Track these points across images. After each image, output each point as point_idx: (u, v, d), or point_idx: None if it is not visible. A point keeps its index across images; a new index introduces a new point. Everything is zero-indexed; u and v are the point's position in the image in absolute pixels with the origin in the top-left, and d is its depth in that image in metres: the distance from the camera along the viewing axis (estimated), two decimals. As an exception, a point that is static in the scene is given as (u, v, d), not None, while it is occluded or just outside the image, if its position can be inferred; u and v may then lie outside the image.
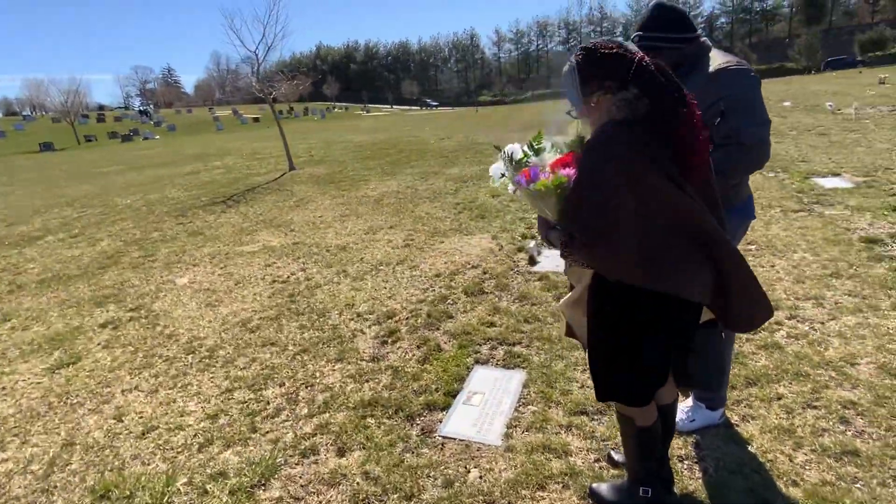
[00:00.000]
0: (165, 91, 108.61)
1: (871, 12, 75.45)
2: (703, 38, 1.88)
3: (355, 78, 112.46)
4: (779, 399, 2.25)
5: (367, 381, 2.78)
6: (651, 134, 1.35)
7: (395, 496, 1.95)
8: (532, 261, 4.34)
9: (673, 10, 1.87)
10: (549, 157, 1.43)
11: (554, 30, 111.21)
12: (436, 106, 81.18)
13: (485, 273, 4.20)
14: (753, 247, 4.17)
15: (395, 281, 4.26)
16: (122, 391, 2.93)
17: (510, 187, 1.52)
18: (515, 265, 4.32)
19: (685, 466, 1.95)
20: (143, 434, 2.51)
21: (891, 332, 2.70)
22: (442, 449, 2.20)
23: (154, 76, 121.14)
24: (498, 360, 2.87)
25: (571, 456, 2.06)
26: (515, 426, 2.29)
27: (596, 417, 2.28)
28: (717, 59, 1.82)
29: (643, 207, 1.31)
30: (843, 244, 4.00)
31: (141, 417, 2.66)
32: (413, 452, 2.20)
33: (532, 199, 1.44)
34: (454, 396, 2.57)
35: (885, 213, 4.66)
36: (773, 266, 3.75)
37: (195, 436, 2.46)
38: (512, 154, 1.50)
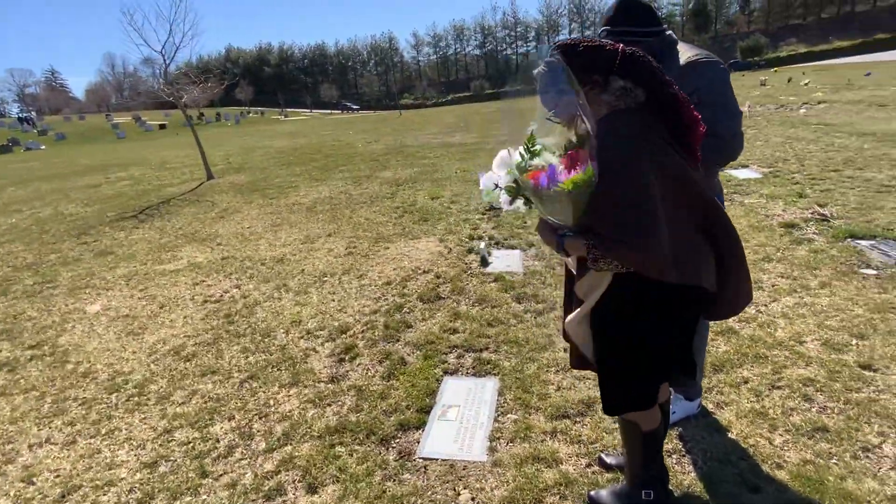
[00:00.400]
0: (50, 96, 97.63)
1: (746, 22, 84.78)
2: (669, 32, 1.88)
3: (269, 81, 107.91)
4: (745, 383, 2.33)
5: (330, 405, 2.55)
6: (656, 120, 1.30)
7: (382, 532, 1.77)
8: (484, 262, 4.27)
9: (639, 4, 1.85)
10: (551, 158, 1.32)
11: (470, 34, 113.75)
12: (357, 109, 79.89)
13: (438, 277, 4.07)
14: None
15: (343, 292, 4.00)
16: (30, 446, 2.47)
17: (503, 198, 1.40)
18: (468, 267, 4.23)
19: (674, 461, 1.94)
20: (63, 497, 2.11)
21: (825, 309, 2.92)
22: (425, 472, 2.04)
23: (35, 79, 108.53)
24: (468, 369, 2.75)
25: (562, 464, 1.98)
26: (498, 438, 2.18)
27: (578, 420, 2.23)
28: (686, 52, 1.82)
29: (669, 194, 1.26)
30: (767, 230, 4.32)
31: (58, 476, 2.24)
32: (394, 480, 2.01)
33: (548, 204, 1.32)
34: (428, 413, 2.41)
35: (794, 199, 5.12)
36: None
37: (130, 491, 2.10)
38: (511, 160, 1.38)
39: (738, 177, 6.34)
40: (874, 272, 3.33)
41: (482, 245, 4.41)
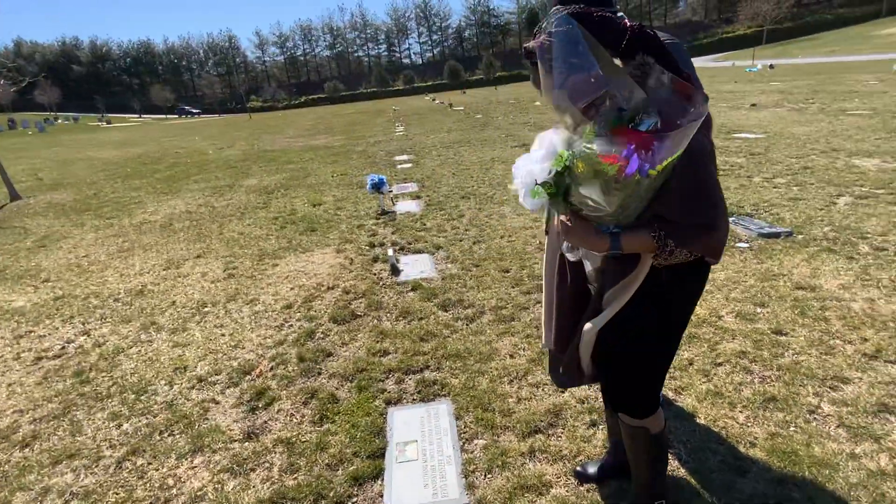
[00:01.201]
0: None
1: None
2: (621, 14, 1.79)
3: (81, 82, 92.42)
4: (691, 364, 2.39)
5: (255, 471, 2.03)
6: None
7: None
8: (395, 270, 3.95)
9: None
10: (608, 139, 1.08)
11: (319, 34, 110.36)
12: (198, 113, 72.37)
13: (347, 293, 3.64)
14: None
15: (233, 324, 3.37)
16: None
17: (534, 201, 1.13)
18: (378, 278, 3.87)
19: (659, 459, 1.88)
20: None
21: (726, 283, 3.19)
22: (401, 534, 1.69)
23: None
24: (412, 395, 2.43)
25: (552, 487, 1.79)
26: (473, 471, 1.92)
27: (551, 433, 2.06)
28: None
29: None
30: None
31: None
32: (365, 554, 1.63)
33: (617, 195, 1.08)
34: (382, 456, 2.05)
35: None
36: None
37: None
38: (564, 146, 1.11)
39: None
40: (746, 245, 3.76)
41: (390, 252, 4.08)
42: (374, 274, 3.97)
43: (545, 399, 2.26)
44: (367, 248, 4.62)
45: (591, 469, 1.80)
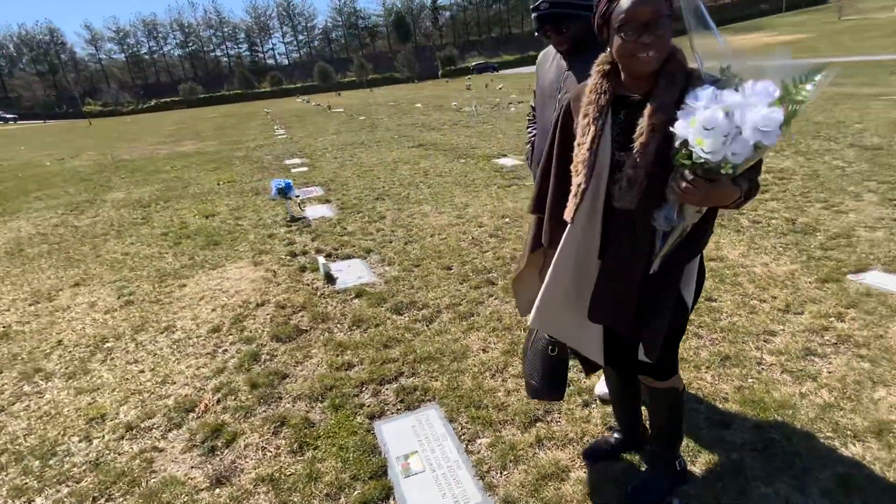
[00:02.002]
0: None
1: (439, 36, 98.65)
2: None
3: None
4: (650, 336, 2.59)
5: (240, 520, 1.75)
6: None
7: None
8: (330, 278, 3.70)
9: None
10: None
11: (167, 31, 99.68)
12: (13, 120, 60.89)
13: (283, 308, 3.32)
14: (507, 219, 4.73)
15: (151, 357, 2.88)
16: None
17: (724, 149, 1.08)
18: (314, 289, 3.59)
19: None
20: None
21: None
22: (436, 551, 1.58)
23: None
24: (395, 405, 2.29)
25: (571, 471, 1.81)
26: (487, 471, 1.86)
27: (551, 418, 2.09)
28: None
29: None
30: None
31: None
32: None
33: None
34: (384, 475, 1.90)
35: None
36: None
37: None
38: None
39: (506, 164, 7.21)
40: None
41: (322, 260, 3.81)
42: (307, 284, 3.68)
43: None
44: (289, 257, 4.27)
45: (601, 446, 1.86)
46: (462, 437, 2.05)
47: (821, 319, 2.59)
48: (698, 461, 1.80)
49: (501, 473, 1.85)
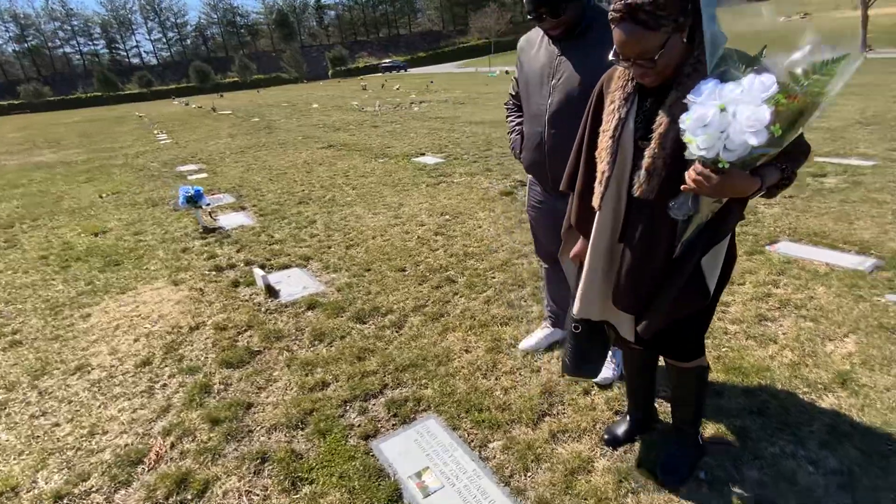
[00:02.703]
0: None
1: (326, 35, 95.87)
2: None
3: None
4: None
5: (243, 583, 1.47)
6: None
7: None
8: (272, 291, 3.34)
9: None
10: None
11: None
12: None
13: (224, 329, 2.93)
14: (447, 216, 4.66)
15: (65, 405, 2.37)
16: None
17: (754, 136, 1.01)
18: (255, 304, 3.22)
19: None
20: None
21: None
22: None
23: None
24: (388, 421, 2.10)
25: (596, 461, 1.78)
26: (511, 475, 1.76)
27: (559, 412, 2.04)
28: None
29: None
30: (494, 200, 5.04)
31: None
32: None
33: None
34: (401, 499, 1.72)
35: (488, 173, 6.16)
36: (479, 226, 4.31)
37: None
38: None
39: (428, 163, 7.14)
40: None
41: (259, 272, 3.43)
42: (246, 300, 3.29)
43: (529, 383, 2.23)
44: (213, 272, 3.80)
45: (618, 432, 1.86)
46: (472, 444, 1.93)
47: (761, 287, 2.86)
48: (707, 431, 1.87)
49: (525, 475, 1.76)
